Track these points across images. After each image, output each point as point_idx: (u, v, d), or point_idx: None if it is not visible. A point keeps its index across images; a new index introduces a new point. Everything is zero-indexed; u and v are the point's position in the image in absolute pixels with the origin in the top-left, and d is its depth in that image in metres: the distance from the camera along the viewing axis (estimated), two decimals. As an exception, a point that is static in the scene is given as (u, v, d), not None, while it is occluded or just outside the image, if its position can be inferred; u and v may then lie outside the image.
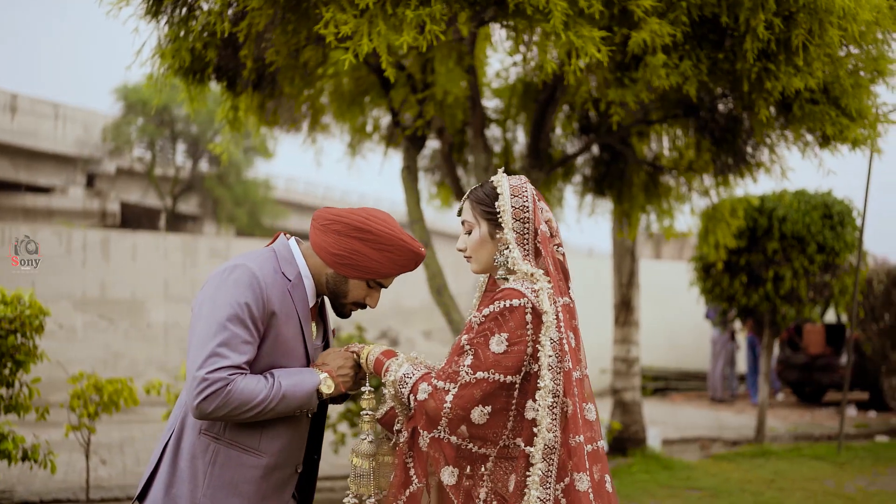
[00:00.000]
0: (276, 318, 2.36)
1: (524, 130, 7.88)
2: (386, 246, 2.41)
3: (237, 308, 2.28)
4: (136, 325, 11.29)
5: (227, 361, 2.23)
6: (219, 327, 2.25)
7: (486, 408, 2.24)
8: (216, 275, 2.37)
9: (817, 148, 6.15)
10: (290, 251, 2.48)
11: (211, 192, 28.78)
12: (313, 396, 2.37)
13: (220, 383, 2.21)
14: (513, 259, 2.35)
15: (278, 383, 2.31)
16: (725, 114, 6.60)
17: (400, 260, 2.44)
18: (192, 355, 2.25)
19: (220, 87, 6.08)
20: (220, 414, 2.23)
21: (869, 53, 5.21)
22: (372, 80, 6.97)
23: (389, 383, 2.37)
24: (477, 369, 2.23)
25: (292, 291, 2.41)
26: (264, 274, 2.36)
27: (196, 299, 2.38)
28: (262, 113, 6.33)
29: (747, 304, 9.42)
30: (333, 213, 2.47)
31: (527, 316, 2.26)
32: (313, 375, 2.39)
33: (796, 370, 12.95)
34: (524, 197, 2.41)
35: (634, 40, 4.44)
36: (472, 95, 6.62)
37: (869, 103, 5.18)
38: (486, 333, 2.26)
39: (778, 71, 4.59)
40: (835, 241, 9.13)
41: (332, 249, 2.42)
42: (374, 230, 2.41)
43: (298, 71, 5.66)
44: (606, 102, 5.11)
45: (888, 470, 8.31)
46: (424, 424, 2.28)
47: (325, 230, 2.44)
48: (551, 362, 2.26)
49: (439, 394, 2.25)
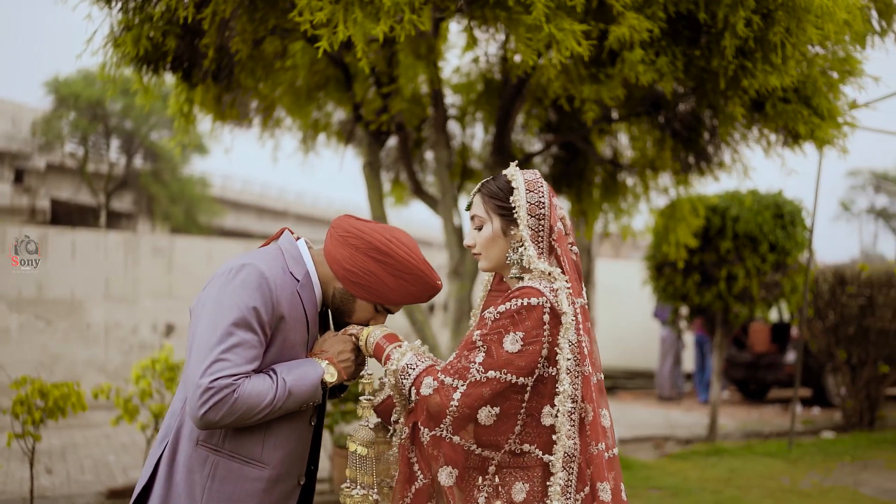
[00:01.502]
0: (285, 323, 2.20)
1: (484, 127, 7.78)
2: (404, 273, 2.27)
3: (245, 311, 2.11)
4: (74, 326, 10.86)
5: (232, 369, 2.06)
6: (224, 332, 2.08)
7: (493, 409, 2.11)
8: (221, 274, 2.19)
9: (780, 147, 6.19)
10: (299, 250, 2.32)
11: (146, 190, 28.08)
12: (318, 388, 2.22)
13: (226, 391, 2.04)
14: (528, 257, 2.23)
15: (282, 380, 2.14)
16: (688, 112, 6.59)
17: (414, 290, 2.31)
18: (193, 362, 2.07)
19: (174, 78, 5.83)
20: (226, 422, 2.07)
21: (836, 54, 5.24)
22: (330, 75, 6.78)
23: (390, 372, 2.23)
24: (489, 368, 2.10)
25: (301, 293, 2.26)
26: (274, 274, 2.19)
27: (198, 300, 2.20)
28: (218, 106, 6.09)
29: (700, 303, 9.48)
30: (355, 226, 2.31)
31: (544, 316, 2.13)
32: (315, 366, 2.23)
33: (741, 368, 13.13)
34: (540, 192, 2.28)
35: (614, 34, 4.35)
36: (435, 91, 6.49)
37: (838, 104, 5.20)
38: (501, 331, 2.13)
39: (755, 69, 4.55)
40: (786, 240, 9.25)
41: (346, 264, 2.27)
42: (394, 254, 2.26)
43: (260, 63, 5.45)
44: (581, 99, 5.01)
45: (838, 465, 8.43)
46: (425, 421, 2.14)
47: (343, 242, 2.29)
48: (570, 366, 2.14)
49: (446, 390, 2.11)
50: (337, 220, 2.36)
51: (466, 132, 7.93)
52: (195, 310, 2.19)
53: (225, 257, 12.04)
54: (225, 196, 34.44)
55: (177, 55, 5.29)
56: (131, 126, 27.01)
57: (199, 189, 29.48)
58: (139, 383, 6.25)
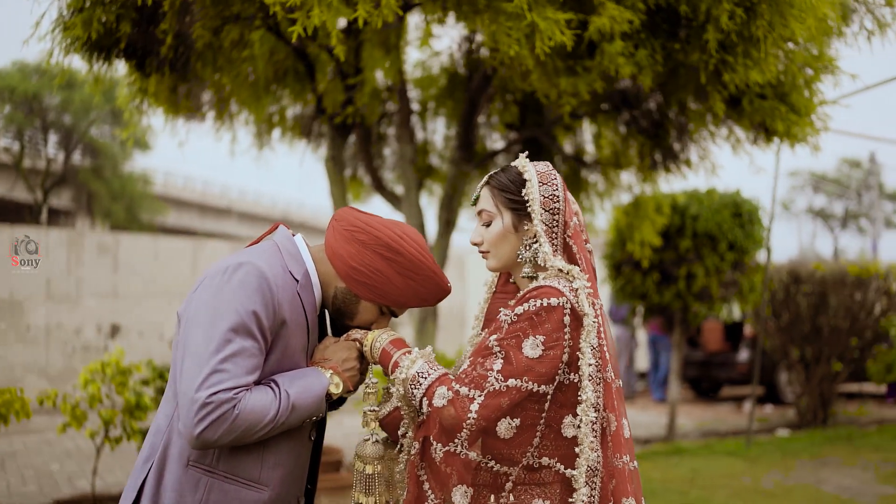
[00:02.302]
0: (287, 328, 1.99)
1: (446, 123, 7.61)
2: (414, 273, 2.08)
3: (244, 316, 1.89)
4: (14, 327, 10.39)
5: (232, 381, 1.84)
6: (222, 339, 1.86)
7: (514, 420, 1.93)
8: (215, 274, 1.97)
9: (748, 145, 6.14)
10: (297, 247, 2.11)
11: (86, 186, 27.28)
12: (323, 400, 2.01)
13: (226, 406, 1.82)
14: (544, 254, 2.04)
15: (285, 393, 1.93)
16: (655, 109, 6.50)
17: (423, 292, 2.12)
18: (187, 373, 1.85)
19: (126, 67, 5.53)
20: (224, 441, 1.85)
21: (809, 51, 5.18)
22: (289, 66, 6.53)
23: (399, 381, 2.02)
24: (508, 375, 1.91)
25: (302, 294, 2.05)
26: (274, 274, 1.98)
27: (189, 303, 1.97)
28: (173, 97, 5.81)
29: (660, 302, 9.45)
30: (362, 219, 2.11)
31: (565, 318, 1.96)
32: (319, 376, 2.02)
33: (695, 367, 13.19)
34: (554, 185, 2.10)
35: (595, 25, 4.20)
36: (400, 85, 6.29)
37: (814, 100, 5.14)
38: (519, 335, 1.94)
39: (735, 63, 4.46)
40: (745, 239, 9.26)
41: (352, 262, 2.07)
42: (405, 252, 2.07)
43: (222, 52, 5.19)
44: (558, 92, 4.86)
45: (798, 463, 8.46)
46: (438, 435, 1.94)
47: (349, 238, 2.08)
48: (592, 372, 1.97)
49: (462, 401, 1.91)
50: (340, 213, 2.15)
51: (428, 128, 7.75)
52: (186, 314, 1.97)
53: (172, 255, 11.67)
54: (167, 193, 33.72)
55: (131, 41, 5.00)
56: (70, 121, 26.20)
57: (140, 186, 28.78)
58: (88, 388, 5.94)
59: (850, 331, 10.48)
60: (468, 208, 8.24)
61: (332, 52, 5.63)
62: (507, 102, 6.40)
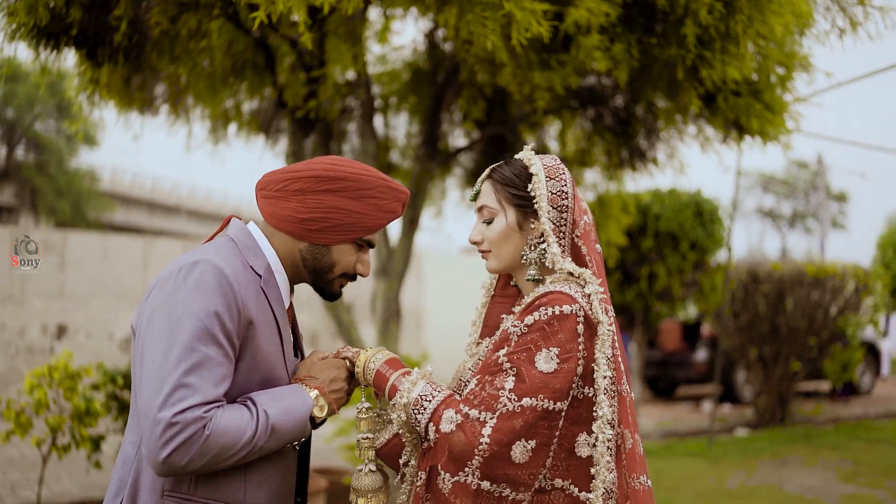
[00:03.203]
0: (254, 329, 1.78)
1: (409, 119, 7.43)
2: (366, 190, 1.89)
3: (205, 320, 1.69)
4: (-47, 330, 9.96)
5: (199, 395, 1.64)
6: (183, 349, 1.66)
7: (529, 442, 1.73)
8: (167, 277, 1.76)
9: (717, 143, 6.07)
10: (253, 238, 1.90)
11: (29, 182, 26.50)
12: (307, 424, 1.81)
13: (194, 426, 1.61)
14: (552, 255, 1.87)
15: (264, 413, 1.73)
16: (623, 106, 6.40)
17: (386, 204, 1.92)
18: (146, 390, 1.64)
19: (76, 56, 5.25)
20: (195, 466, 1.64)
21: (781, 48, 5.11)
22: (248, 59, 6.29)
23: (399, 406, 1.83)
24: (522, 394, 1.73)
25: (266, 290, 1.84)
26: (234, 271, 1.77)
27: (139, 313, 1.76)
28: (126, 89, 5.54)
29: (622, 302, 9.39)
30: (286, 173, 1.90)
31: (578, 326, 1.78)
32: (303, 395, 1.82)
33: (652, 366, 13.20)
34: (562, 180, 1.93)
35: (572, 17, 4.06)
36: (365, 79, 6.10)
37: (787, 98, 5.08)
38: (530, 347, 1.76)
39: (713, 59, 4.35)
40: (706, 239, 9.25)
41: (301, 215, 1.87)
42: (348, 175, 1.88)
43: (179, 42, 4.94)
44: (531, 87, 4.71)
45: (759, 463, 8.45)
46: (447, 463, 1.75)
47: (285, 195, 1.88)
48: (607, 385, 1.80)
49: (472, 426, 1.72)
50: (262, 180, 1.94)
51: (390, 124, 7.56)
52: (139, 325, 1.76)
53: (122, 254, 11.31)
54: (114, 190, 32.99)
55: (81, 28, 4.73)
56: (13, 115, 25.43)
57: (87, 182, 28.08)
58: (33, 393, 5.64)
59: (808, 330, 10.55)
60: (430, 207, 8.08)
61: (296, 43, 5.45)
62: (474, 98, 6.23)
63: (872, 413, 12.03)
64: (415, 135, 7.51)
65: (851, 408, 12.58)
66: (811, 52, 5.13)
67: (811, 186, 39.50)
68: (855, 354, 11.52)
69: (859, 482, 7.63)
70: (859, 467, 8.29)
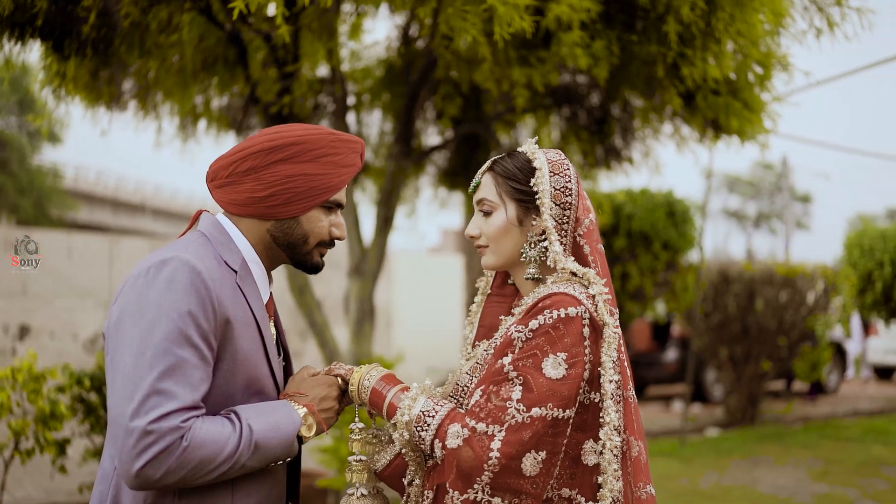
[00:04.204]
0: (232, 328, 1.68)
1: (382, 116, 7.34)
2: (319, 149, 1.80)
3: (178, 321, 1.59)
4: (-89, 330, 9.68)
5: (176, 402, 1.54)
6: (156, 352, 1.56)
7: (539, 454, 1.66)
8: (137, 276, 1.66)
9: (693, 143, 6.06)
10: (225, 231, 1.81)
11: (-10, 179, 26.00)
12: (294, 443, 1.71)
13: (171, 436, 1.52)
14: (554, 254, 1.80)
15: (247, 428, 1.63)
16: (598, 105, 6.37)
17: (343, 158, 1.83)
18: (119, 398, 1.55)
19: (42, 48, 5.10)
20: (171, 480, 1.54)
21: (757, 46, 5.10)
22: (219, 54, 6.16)
23: (401, 424, 1.74)
24: (531, 404, 1.65)
25: (242, 285, 1.75)
26: (208, 267, 1.68)
27: (110, 317, 1.66)
28: (94, 83, 5.39)
29: (595, 302, 9.38)
30: (231, 154, 1.81)
31: (584, 330, 1.72)
32: (291, 413, 1.73)
33: (623, 366, 13.21)
34: (566, 176, 1.86)
35: (553, 13, 4.00)
36: (340, 76, 6.00)
37: (765, 97, 5.07)
38: (536, 353, 1.69)
39: (695, 57, 4.32)
40: (678, 239, 9.26)
41: (259, 193, 1.78)
42: (296, 139, 1.79)
43: (149, 35, 4.81)
44: (510, 83, 4.65)
45: (731, 463, 8.47)
46: (455, 481, 1.66)
47: (236, 178, 1.79)
48: (614, 390, 1.73)
49: (480, 440, 1.64)
50: (211, 170, 1.85)
51: (363, 121, 7.46)
52: (109, 330, 1.66)
53: (87, 253, 11.08)
54: (78, 188, 32.47)
55: (48, 19, 4.59)
56: (-27, 110, 24.94)
57: (50, 180, 27.58)
58: (-5, 396, 5.47)
59: (778, 330, 10.61)
60: (405, 205, 8.00)
61: (270, 37, 5.34)
62: (451, 95, 6.16)
63: (840, 412, 12.15)
64: (388, 133, 7.43)
65: (819, 407, 12.70)
66: (789, 52, 5.13)
67: (776, 188, 39.97)
68: (823, 354, 11.62)
69: (830, 481, 7.67)
70: (829, 466, 8.34)
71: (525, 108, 6.40)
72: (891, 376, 16.99)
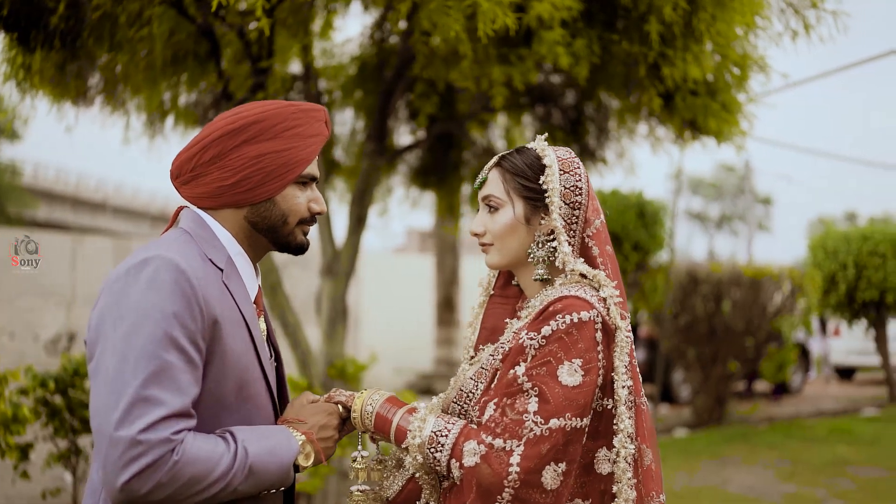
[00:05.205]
0: (220, 328, 1.60)
1: (355, 114, 7.25)
2: (281, 124, 1.72)
3: (162, 323, 1.50)
4: None
5: (163, 409, 1.45)
6: (140, 357, 1.47)
7: (559, 466, 1.61)
8: (117, 277, 1.56)
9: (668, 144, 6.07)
10: (209, 227, 1.72)
11: (-55, 176, 25.48)
12: (290, 471, 1.63)
13: (160, 449, 1.43)
14: (563, 255, 1.75)
15: (243, 449, 1.55)
16: (573, 105, 6.36)
17: (307, 128, 1.75)
18: (102, 406, 1.46)
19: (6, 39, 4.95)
20: (157, 497, 1.45)
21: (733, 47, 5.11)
22: (189, 49, 6.04)
23: (414, 448, 1.67)
24: (549, 416, 1.60)
25: (229, 284, 1.67)
26: (192, 266, 1.60)
27: (90, 323, 1.57)
28: (61, 77, 5.25)
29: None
30: (192, 146, 1.72)
31: (597, 334, 1.67)
32: (290, 439, 1.65)
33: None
34: (577, 175, 1.81)
35: (535, 11, 3.96)
36: (313, 72, 5.92)
37: (742, 98, 5.08)
38: (551, 361, 1.63)
39: (675, 57, 4.31)
40: (649, 240, 9.29)
41: (228, 181, 1.69)
42: (255, 117, 1.71)
43: (119, 28, 4.69)
44: (489, 82, 4.60)
45: (701, 464, 8.51)
46: (475, 500, 1.60)
47: (201, 170, 1.70)
48: (626, 396, 1.69)
49: (499, 456, 1.59)
50: (174, 168, 1.76)
51: (334, 120, 7.38)
52: (90, 336, 1.57)
53: (49, 251, 10.84)
54: (37, 185, 31.86)
55: (14, 9, 4.46)
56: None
57: (7, 177, 27.08)
58: (-43, 400, 5.30)
59: (746, 331, 10.69)
60: (377, 204, 7.92)
61: (243, 32, 5.24)
62: (427, 94, 6.10)
63: (804, 412, 12.28)
64: (360, 131, 7.35)
65: (783, 407, 12.83)
66: (766, 54, 5.15)
67: (738, 190, 40.45)
68: (789, 355, 11.74)
69: (798, 481, 7.73)
70: (796, 466, 8.41)
71: (502, 107, 6.38)
72: (851, 377, 17.23)
